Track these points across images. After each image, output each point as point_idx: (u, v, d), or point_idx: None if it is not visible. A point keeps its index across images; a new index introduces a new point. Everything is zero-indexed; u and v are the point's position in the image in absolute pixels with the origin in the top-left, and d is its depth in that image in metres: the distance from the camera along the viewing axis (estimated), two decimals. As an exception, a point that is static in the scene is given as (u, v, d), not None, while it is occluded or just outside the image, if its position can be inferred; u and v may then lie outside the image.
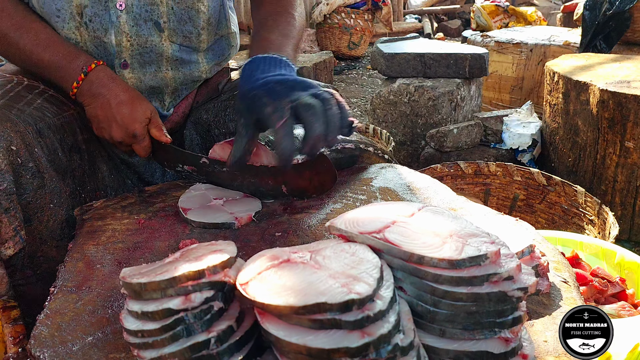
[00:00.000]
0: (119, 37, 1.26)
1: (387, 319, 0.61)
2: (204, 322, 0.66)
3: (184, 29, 1.32)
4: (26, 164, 1.06)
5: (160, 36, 1.29)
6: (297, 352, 0.59)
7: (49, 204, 1.09)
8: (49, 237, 1.10)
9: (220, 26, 1.40)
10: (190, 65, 1.38)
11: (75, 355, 0.73)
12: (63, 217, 1.12)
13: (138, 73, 1.32)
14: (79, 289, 0.87)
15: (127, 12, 1.25)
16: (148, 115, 1.19)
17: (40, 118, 1.15)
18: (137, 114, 1.18)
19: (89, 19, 1.23)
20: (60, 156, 1.15)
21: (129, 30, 1.26)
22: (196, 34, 1.34)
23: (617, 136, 2.39)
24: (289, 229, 1.02)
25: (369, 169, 1.26)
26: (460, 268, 0.66)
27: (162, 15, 1.28)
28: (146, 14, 1.27)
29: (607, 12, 3.40)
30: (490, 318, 0.65)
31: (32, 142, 1.08)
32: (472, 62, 3.09)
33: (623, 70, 2.66)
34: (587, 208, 2.25)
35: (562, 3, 6.15)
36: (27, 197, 1.06)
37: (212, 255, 0.73)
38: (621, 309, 1.48)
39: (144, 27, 1.27)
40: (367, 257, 0.69)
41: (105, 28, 1.25)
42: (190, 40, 1.34)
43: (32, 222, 1.07)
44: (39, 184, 1.07)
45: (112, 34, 1.25)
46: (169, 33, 1.30)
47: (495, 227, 0.88)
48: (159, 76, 1.34)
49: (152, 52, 1.30)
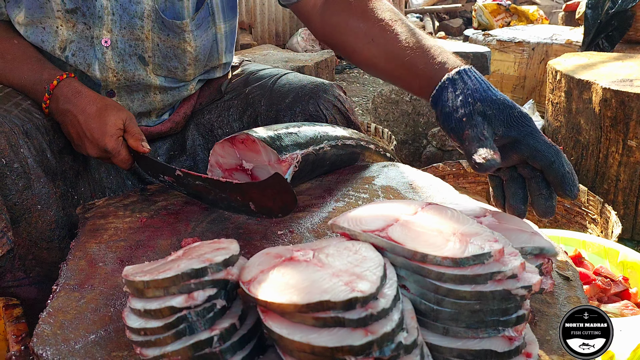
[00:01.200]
0: (105, 74, 1.25)
1: (390, 317, 0.60)
2: (206, 320, 0.66)
3: (169, 65, 1.30)
4: (11, 164, 1.04)
5: (146, 70, 1.28)
6: (301, 351, 0.59)
7: (37, 205, 1.07)
8: (39, 239, 1.08)
9: (211, 59, 1.39)
10: (179, 89, 1.37)
11: (77, 353, 0.72)
12: (52, 219, 1.10)
13: (126, 100, 1.31)
14: (81, 287, 0.87)
15: (112, 49, 1.23)
16: (120, 126, 1.13)
17: (28, 119, 1.13)
18: (106, 128, 1.12)
19: (72, 53, 1.22)
20: (49, 157, 1.13)
21: (115, 66, 1.25)
22: (182, 69, 1.32)
23: (619, 135, 2.39)
24: (292, 227, 1.02)
25: (371, 168, 1.26)
26: (463, 266, 0.65)
27: (146, 50, 1.26)
28: (130, 49, 1.25)
29: (610, 10, 3.39)
30: (494, 316, 0.65)
31: (18, 143, 1.06)
32: (474, 61, 3.08)
33: (625, 68, 2.66)
34: (590, 207, 2.25)
35: (564, 2, 6.14)
36: (12, 199, 1.04)
37: (215, 253, 0.72)
38: (624, 307, 1.47)
39: (129, 62, 1.26)
40: (370, 255, 0.69)
41: (88, 63, 1.23)
42: (176, 75, 1.33)
43: (20, 223, 1.06)
44: (25, 185, 1.06)
45: (96, 69, 1.24)
46: (154, 67, 1.29)
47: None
48: (147, 101, 1.33)
49: (139, 84, 1.30)
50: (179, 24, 1.26)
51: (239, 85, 1.46)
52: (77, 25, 1.21)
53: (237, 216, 1.08)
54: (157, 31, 1.26)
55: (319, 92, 1.37)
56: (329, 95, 1.37)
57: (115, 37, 1.23)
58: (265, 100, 1.39)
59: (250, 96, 1.41)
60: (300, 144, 1.11)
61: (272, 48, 4.96)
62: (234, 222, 1.05)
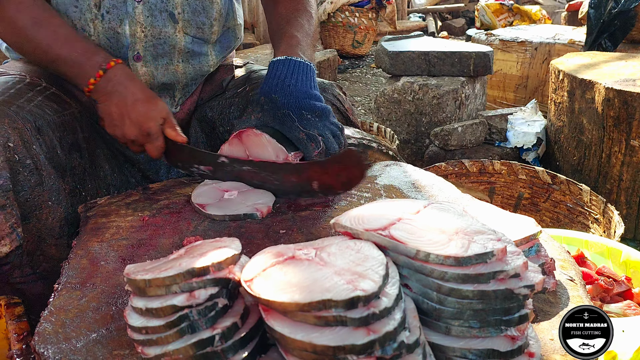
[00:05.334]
0: (133, 28, 1.27)
1: (392, 316, 0.60)
2: (208, 319, 0.66)
3: (198, 20, 1.33)
4: (23, 160, 1.05)
5: (175, 27, 1.31)
6: (302, 349, 0.59)
7: (47, 201, 1.08)
8: (48, 235, 1.09)
9: (228, 18, 1.42)
10: (200, 58, 1.39)
11: (79, 352, 0.72)
12: (62, 215, 1.11)
13: (150, 67, 1.32)
14: (83, 286, 0.86)
15: (143, 3, 1.26)
16: (164, 115, 1.19)
17: (40, 115, 1.14)
18: (152, 113, 1.17)
19: (107, 10, 1.24)
20: (60, 154, 1.14)
21: (144, 20, 1.27)
22: (209, 25, 1.35)
23: (622, 134, 2.38)
24: (294, 226, 1.02)
25: (373, 167, 1.26)
26: (466, 265, 0.65)
27: (176, 6, 1.29)
28: (161, 5, 1.28)
29: (613, 10, 3.38)
30: (496, 316, 0.65)
31: (30, 139, 1.07)
32: (477, 61, 3.08)
33: (628, 68, 2.65)
34: (592, 207, 2.24)
35: (567, 2, 6.13)
36: (24, 195, 1.05)
37: (217, 252, 0.72)
38: (627, 307, 1.47)
39: (158, 18, 1.28)
40: (372, 254, 0.68)
41: (120, 19, 1.26)
42: (203, 32, 1.36)
43: (30, 219, 1.06)
44: (37, 181, 1.07)
45: (126, 25, 1.26)
46: (183, 24, 1.32)
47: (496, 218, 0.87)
48: (170, 70, 1.35)
49: (165, 44, 1.31)
50: None
51: (240, 83, 1.47)
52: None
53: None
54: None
55: None
56: (328, 94, 1.38)
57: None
58: None
59: (250, 94, 1.42)
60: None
61: (274, 47, 4.94)
62: (236, 221, 1.05)
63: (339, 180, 1.05)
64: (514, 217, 0.89)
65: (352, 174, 1.04)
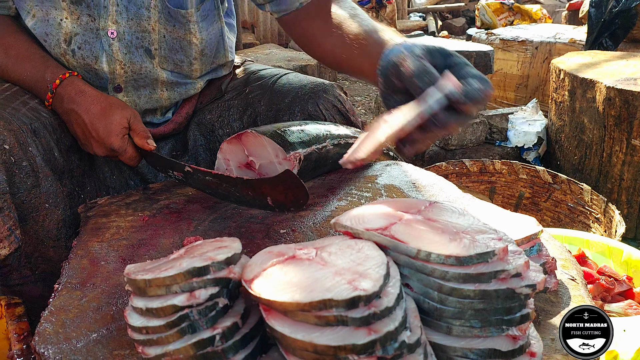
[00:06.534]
0: (112, 65, 1.24)
1: (393, 316, 0.60)
2: (208, 319, 0.66)
3: (175, 58, 1.30)
4: (20, 163, 1.04)
5: (152, 63, 1.28)
6: (303, 349, 0.59)
7: (44, 203, 1.08)
8: (46, 237, 1.09)
9: (217, 56, 1.39)
10: (186, 86, 1.36)
11: (79, 352, 0.72)
12: (60, 218, 1.10)
13: (132, 96, 1.30)
14: (83, 286, 0.86)
15: (118, 40, 1.23)
16: (124, 125, 1.14)
17: (36, 117, 1.13)
18: (111, 127, 1.13)
19: (78, 46, 1.21)
20: (57, 156, 1.13)
21: (122, 58, 1.24)
22: (188, 62, 1.32)
23: (623, 134, 2.38)
24: (294, 226, 1.02)
25: (373, 166, 1.26)
26: (467, 265, 0.65)
27: (153, 42, 1.26)
28: (137, 41, 1.25)
29: (613, 9, 3.38)
30: (498, 315, 0.64)
31: (27, 141, 1.07)
32: (477, 60, 3.07)
33: (629, 67, 2.65)
34: (593, 206, 2.24)
35: (568, 1, 6.12)
36: (21, 197, 1.04)
37: (217, 252, 0.72)
38: (628, 307, 1.47)
39: (136, 54, 1.25)
40: (373, 254, 0.68)
41: (95, 56, 1.23)
42: (182, 69, 1.32)
43: (28, 221, 1.06)
44: (33, 183, 1.06)
45: (103, 62, 1.23)
46: (160, 60, 1.28)
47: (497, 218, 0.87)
48: (154, 98, 1.33)
49: (147, 77, 1.29)
50: (183, 13, 1.26)
51: (239, 85, 1.46)
52: (82, 17, 1.20)
53: (239, 215, 1.08)
54: (163, 22, 1.25)
55: (318, 92, 1.36)
56: (329, 95, 1.37)
57: (122, 28, 1.22)
58: (265, 100, 1.39)
59: (250, 96, 1.41)
60: (303, 142, 1.12)
61: (274, 47, 4.95)
62: (236, 221, 1.05)
63: (288, 199, 1.04)
64: (515, 217, 0.89)
65: (297, 195, 1.02)
